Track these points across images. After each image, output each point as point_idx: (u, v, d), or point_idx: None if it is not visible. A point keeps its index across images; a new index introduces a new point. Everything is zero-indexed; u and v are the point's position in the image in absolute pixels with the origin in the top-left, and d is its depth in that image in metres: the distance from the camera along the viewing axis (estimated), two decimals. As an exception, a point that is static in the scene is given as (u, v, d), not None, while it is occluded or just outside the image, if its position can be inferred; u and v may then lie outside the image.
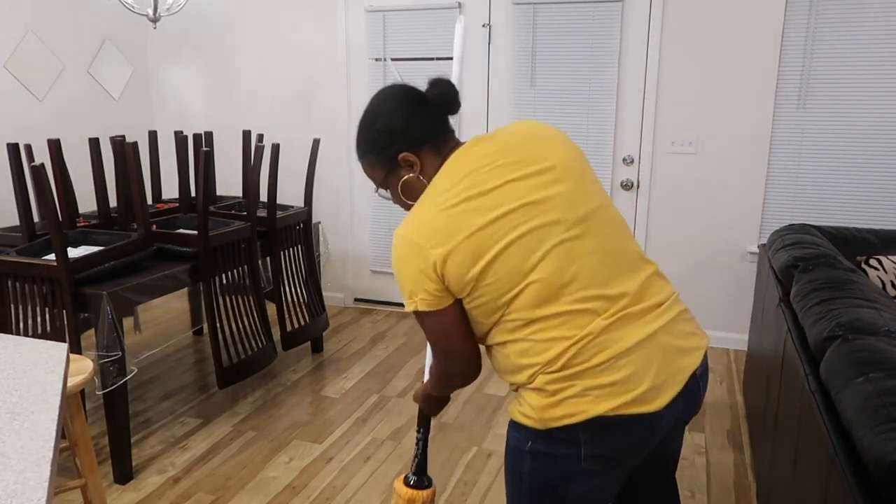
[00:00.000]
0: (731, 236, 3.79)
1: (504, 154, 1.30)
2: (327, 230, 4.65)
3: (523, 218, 1.24)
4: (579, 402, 1.23)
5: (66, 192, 2.99)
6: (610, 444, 1.26)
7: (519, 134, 1.36)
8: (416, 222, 1.28)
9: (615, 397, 1.22)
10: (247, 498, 2.48)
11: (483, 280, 1.24)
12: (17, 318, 2.59)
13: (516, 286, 1.24)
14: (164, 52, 4.84)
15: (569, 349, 1.23)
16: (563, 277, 1.24)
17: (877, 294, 1.92)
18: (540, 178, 1.28)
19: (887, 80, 3.40)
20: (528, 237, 1.24)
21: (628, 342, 1.24)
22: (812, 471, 1.52)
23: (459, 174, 1.29)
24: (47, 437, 1.10)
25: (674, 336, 1.30)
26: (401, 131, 1.37)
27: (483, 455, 2.77)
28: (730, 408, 3.19)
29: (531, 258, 1.23)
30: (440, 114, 1.38)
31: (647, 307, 1.29)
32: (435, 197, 1.29)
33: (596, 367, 1.22)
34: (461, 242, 1.23)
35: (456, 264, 1.23)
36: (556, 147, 1.34)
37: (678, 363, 1.29)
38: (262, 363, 3.23)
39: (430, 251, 1.24)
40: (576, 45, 3.84)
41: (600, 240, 1.28)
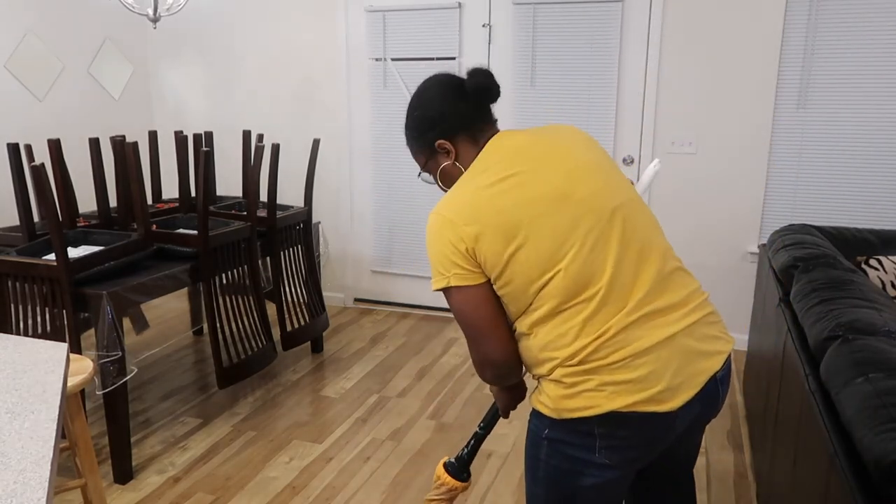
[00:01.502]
0: (731, 236, 3.79)
1: (538, 145, 1.36)
2: (327, 230, 4.65)
3: (555, 206, 1.27)
4: (595, 396, 1.25)
5: (66, 192, 2.99)
6: (624, 438, 1.28)
7: (552, 130, 1.42)
8: (450, 202, 1.32)
9: (630, 395, 1.24)
10: (247, 498, 2.48)
11: (515, 262, 1.26)
12: (17, 318, 2.59)
13: (547, 272, 1.26)
14: (164, 52, 4.84)
15: (588, 345, 1.25)
16: (589, 270, 1.26)
17: (877, 294, 1.92)
18: (572, 172, 1.32)
19: (887, 80, 3.40)
20: (559, 225, 1.26)
21: (647, 342, 1.25)
22: (812, 471, 1.52)
23: (494, 159, 1.34)
24: (47, 437, 1.10)
25: (696, 339, 1.31)
26: (438, 119, 1.42)
27: (483, 455, 2.77)
28: (730, 408, 3.19)
29: (563, 247, 1.26)
30: (477, 103, 1.42)
31: (669, 306, 1.30)
32: (469, 180, 1.34)
33: (613, 364, 1.25)
34: (492, 221, 1.26)
35: (488, 242, 1.26)
36: (587, 145, 1.40)
37: (697, 366, 1.30)
38: (262, 363, 3.23)
39: (462, 228, 1.27)
40: (576, 45, 3.85)
41: (628, 235, 1.30)
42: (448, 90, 1.43)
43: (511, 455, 2.77)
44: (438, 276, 1.31)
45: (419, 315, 4.53)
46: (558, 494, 1.36)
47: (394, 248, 4.55)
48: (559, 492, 1.36)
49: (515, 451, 2.80)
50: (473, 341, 1.37)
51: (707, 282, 3.81)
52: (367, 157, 4.47)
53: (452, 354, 3.84)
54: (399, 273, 4.58)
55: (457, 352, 3.88)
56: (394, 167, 4.41)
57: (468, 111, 1.41)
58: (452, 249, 1.28)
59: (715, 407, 1.38)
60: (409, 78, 4.25)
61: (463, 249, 1.27)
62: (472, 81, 1.41)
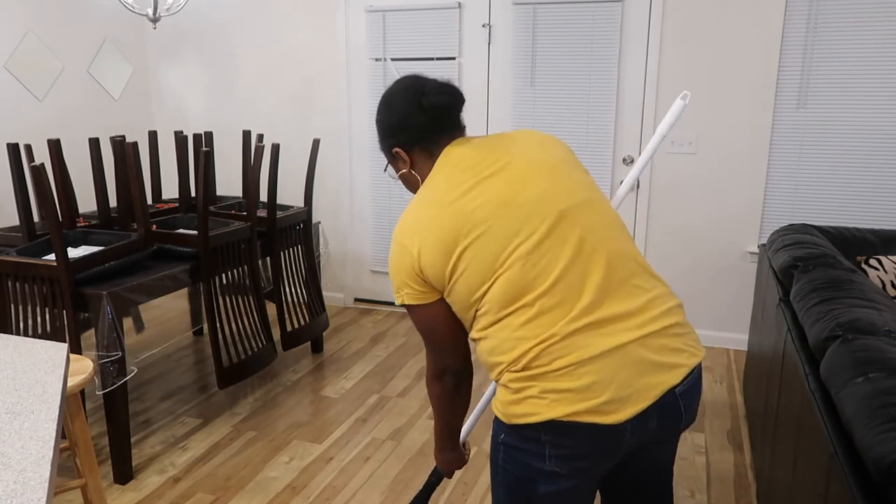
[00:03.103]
0: (731, 236, 3.79)
1: (481, 152, 1.34)
2: (327, 230, 4.65)
3: (496, 214, 1.26)
4: (537, 403, 1.23)
5: (66, 192, 2.99)
6: (571, 448, 1.25)
7: (505, 138, 1.40)
8: (402, 223, 1.35)
9: (571, 404, 1.21)
10: (247, 498, 2.48)
11: (455, 273, 1.27)
12: (17, 318, 2.59)
13: (486, 281, 1.26)
14: (164, 52, 4.84)
15: (531, 350, 1.23)
16: (530, 274, 1.24)
17: (877, 294, 1.92)
18: (516, 177, 1.29)
19: (887, 80, 3.40)
20: (498, 232, 1.25)
21: (593, 350, 1.22)
22: (812, 471, 1.52)
23: (441, 175, 1.35)
24: (47, 437, 1.10)
25: (651, 350, 1.25)
26: (395, 128, 1.42)
27: (483, 455, 2.77)
28: (730, 408, 3.19)
29: (501, 254, 1.25)
30: (434, 118, 1.39)
31: (623, 313, 1.25)
32: (419, 197, 1.36)
33: (555, 371, 1.22)
34: (432, 237, 1.27)
35: (430, 258, 1.28)
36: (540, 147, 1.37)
37: (651, 378, 1.24)
38: (262, 363, 3.23)
39: (410, 249, 1.30)
40: (576, 45, 3.85)
41: (578, 238, 1.26)
42: (409, 100, 1.40)
43: (511, 455, 2.77)
44: (396, 294, 1.36)
45: (419, 315, 4.52)
46: (516, 499, 1.36)
47: (394, 248, 4.54)
48: (516, 497, 1.35)
49: (515, 451, 2.80)
50: (432, 352, 1.41)
51: (707, 282, 3.84)
52: (367, 157, 4.47)
53: (452, 354, 3.84)
54: (399, 273, 4.57)
55: (457, 352, 3.88)
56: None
57: (425, 125, 1.39)
58: (405, 270, 1.32)
59: (677, 420, 1.30)
60: (409, 78, 4.25)
61: (412, 270, 1.30)
62: (428, 100, 1.38)
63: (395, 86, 1.45)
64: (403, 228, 1.33)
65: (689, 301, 3.93)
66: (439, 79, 1.43)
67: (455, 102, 1.42)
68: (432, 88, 1.40)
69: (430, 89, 1.40)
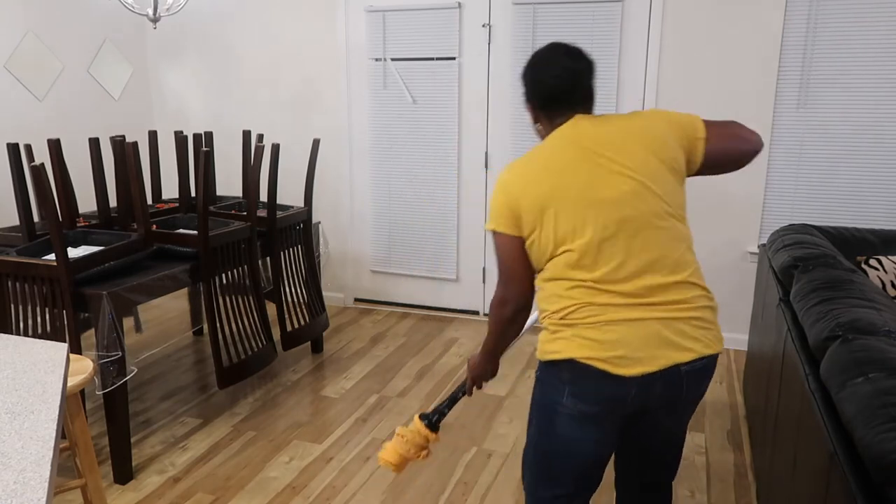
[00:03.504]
0: (731, 236, 3.79)
1: (595, 140, 1.53)
2: (327, 230, 4.65)
3: (577, 199, 1.49)
4: (565, 343, 1.50)
5: (66, 192, 2.99)
6: (583, 387, 1.50)
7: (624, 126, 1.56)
8: (514, 168, 1.59)
9: (591, 350, 1.46)
10: (247, 498, 2.48)
11: (540, 231, 1.51)
12: (17, 318, 2.59)
13: (559, 248, 1.51)
14: (164, 52, 4.84)
15: (572, 307, 1.50)
16: (587, 258, 1.48)
17: (877, 294, 1.92)
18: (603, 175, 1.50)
19: (887, 80, 3.40)
20: (575, 216, 1.48)
21: (623, 316, 1.46)
22: (812, 471, 1.52)
23: (556, 144, 1.57)
24: (47, 437, 1.10)
25: (671, 331, 1.47)
26: (527, 89, 1.66)
27: (483, 455, 2.77)
28: (730, 408, 3.19)
29: (574, 233, 1.49)
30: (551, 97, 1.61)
31: (655, 303, 1.48)
32: (535, 153, 1.59)
33: (586, 323, 1.48)
34: (532, 192, 1.52)
35: (527, 206, 1.52)
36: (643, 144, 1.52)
37: (663, 351, 1.46)
38: (262, 363, 3.23)
39: (513, 191, 1.55)
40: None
41: (637, 241, 1.48)
42: (540, 71, 1.62)
43: (511, 455, 2.77)
44: (490, 222, 1.59)
45: (419, 315, 4.53)
46: (541, 427, 1.61)
47: (393, 248, 4.55)
48: (541, 425, 1.61)
49: (515, 451, 2.80)
50: (502, 281, 1.60)
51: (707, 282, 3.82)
52: (367, 157, 4.47)
53: (452, 354, 3.84)
54: (399, 273, 4.58)
55: (457, 352, 3.88)
56: (394, 167, 4.41)
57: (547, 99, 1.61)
58: (504, 204, 1.56)
59: (678, 394, 1.52)
60: (408, 78, 4.25)
61: (510, 206, 1.54)
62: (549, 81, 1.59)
63: (540, 52, 1.65)
64: (513, 171, 1.58)
65: (689, 301, 3.93)
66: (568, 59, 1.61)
67: (579, 86, 1.60)
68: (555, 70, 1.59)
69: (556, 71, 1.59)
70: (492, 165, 4.20)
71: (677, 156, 1.55)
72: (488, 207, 1.61)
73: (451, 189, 4.31)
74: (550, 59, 1.61)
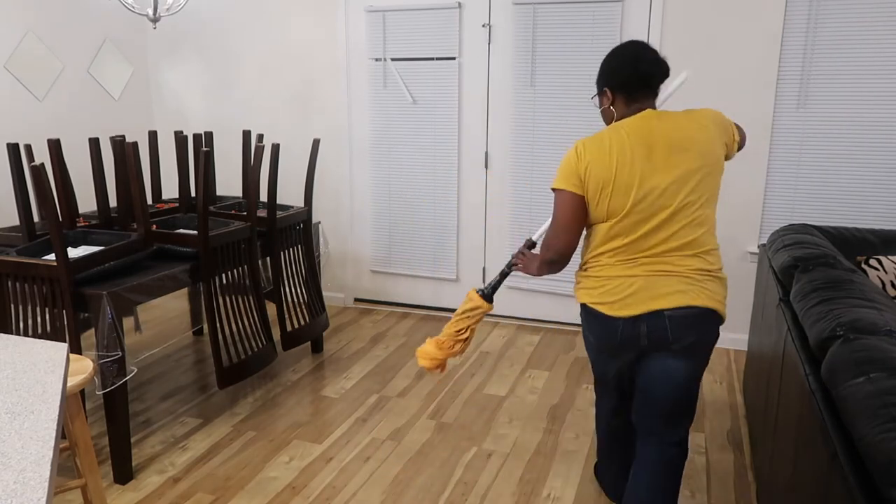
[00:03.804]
0: (731, 236, 3.79)
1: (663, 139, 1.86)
2: (327, 230, 4.65)
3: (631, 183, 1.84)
4: (580, 291, 2.02)
5: (66, 192, 2.99)
6: (592, 324, 2.01)
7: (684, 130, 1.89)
8: (588, 146, 1.89)
9: (596, 297, 1.96)
10: (247, 498, 2.48)
11: (598, 199, 1.88)
12: (17, 318, 2.59)
13: (607, 218, 1.89)
14: (164, 52, 4.84)
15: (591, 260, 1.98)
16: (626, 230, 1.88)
17: (877, 294, 1.92)
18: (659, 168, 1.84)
19: (887, 80, 3.40)
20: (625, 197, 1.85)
21: (621, 273, 1.92)
22: (812, 471, 1.52)
23: (628, 129, 1.88)
24: (47, 437, 1.10)
25: (659, 286, 1.88)
26: (613, 74, 1.95)
27: (483, 455, 2.77)
28: (730, 408, 3.19)
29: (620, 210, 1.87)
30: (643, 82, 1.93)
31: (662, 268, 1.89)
32: (608, 133, 1.90)
33: (595, 278, 1.97)
34: (600, 165, 1.86)
35: (594, 175, 1.87)
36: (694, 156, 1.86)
37: (649, 302, 1.88)
38: (262, 363, 3.23)
39: (585, 159, 1.88)
40: (576, 45, 3.85)
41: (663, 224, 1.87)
42: (631, 60, 1.93)
43: (511, 455, 2.77)
44: (558, 181, 1.93)
45: (419, 315, 4.53)
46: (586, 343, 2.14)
47: (394, 248, 4.55)
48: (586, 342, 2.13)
49: (515, 451, 2.80)
50: (552, 231, 1.97)
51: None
52: (367, 157, 4.47)
53: (452, 354, 3.84)
54: (399, 273, 4.58)
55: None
56: (394, 167, 4.41)
57: (633, 83, 1.93)
58: (573, 168, 1.90)
59: (664, 336, 1.90)
60: (409, 78, 4.25)
61: (577, 170, 1.89)
62: (643, 67, 1.91)
63: (626, 44, 1.98)
64: (587, 145, 1.90)
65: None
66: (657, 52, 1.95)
67: (660, 74, 1.94)
68: (650, 58, 1.92)
69: (648, 58, 1.92)
70: (492, 165, 4.20)
71: (720, 153, 1.92)
72: (558, 171, 1.96)
73: (451, 189, 4.31)
74: (640, 51, 1.93)
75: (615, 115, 1.96)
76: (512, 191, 4.18)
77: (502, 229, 4.27)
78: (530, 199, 4.13)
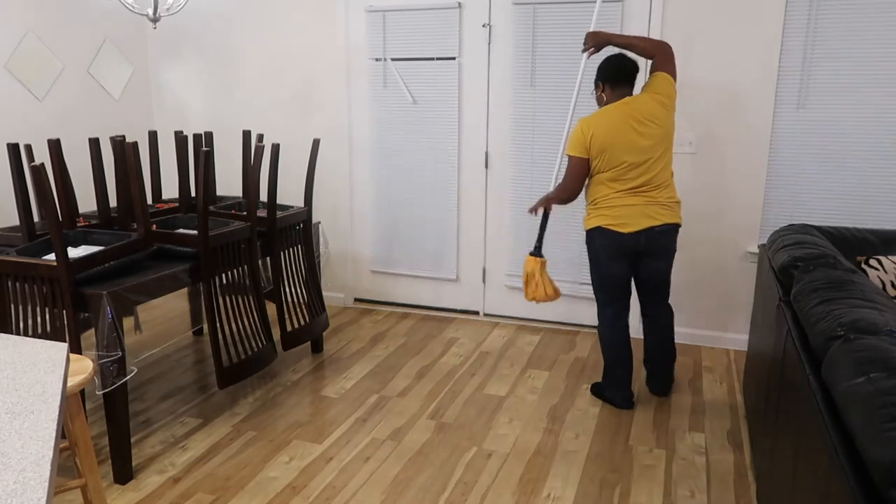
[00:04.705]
0: (731, 236, 3.79)
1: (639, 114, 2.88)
2: (327, 230, 4.65)
3: (625, 146, 2.86)
4: (595, 219, 2.97)
5: (66, 192, 2.99)
6: (604, 239, 2.96)
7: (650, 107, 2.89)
8: (591, 121, 2.89)
9: (609, 220, 2.93)
10: (247, 498, 2.48)
11: (599, 159, 2.89)
12: (17, 318, 2.59)
13: (608, 169, 2.90)
14: (164, 52, 4.84)
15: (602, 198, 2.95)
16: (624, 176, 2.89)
17: (877, 294, 1.92)
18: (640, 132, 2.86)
19: (887, 80, 3.40)
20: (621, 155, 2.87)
21: (625, 203, 2.91)
22: (812, 471, 1.52)
23: (616, 110, 2.89)
24: (47, 437, 1.10)
25: (651, 210, 2.92)
26: (605, 74, 2.98)
27: (483, 455, 2.77)
28: (730, 408, 3.19)
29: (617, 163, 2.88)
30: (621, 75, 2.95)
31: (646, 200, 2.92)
32: (603, 112, 2.91)
33: (607, 208, 2.93)
34: (600, 134, 2.86)
35: (596, 143, 2.87)
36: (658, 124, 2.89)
37: (643, 220, 2.91)
38: (262, 363, 3.23)
39: (588, 132, 2.88)
40: (576, 45, 3.84)
41: (645, 171, 2.90)
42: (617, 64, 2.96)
43: (511, 455, 2.77)
44: (570, 148, 2.93)
45: (419, 315, 4.53)
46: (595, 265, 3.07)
47: (394, 248, 4.55)
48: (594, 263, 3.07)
49: (515, 451, 2.80)
50: (567, 182, 2.98)
51: (707, 282, 3.84)
52: (367, 157, 4.47)
53: (452, 354, 3.84)
54: (399, 273, 4.58)
55: (457, 352, 3.88)
56: (394, 167, 4.41)
57: (615, 79, 2.96)
58: (581, 140, 2.89)
59: (655, 245, 2.97)
60: (409, 78, 4.25)
61: (585, 142, 2.89)
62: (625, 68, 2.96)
63: (616, 56, 2.98)
64: (590, 123, 2.88)
65: (689, 301, 3.93)
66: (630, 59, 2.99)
67: (635, 71, 2.97)
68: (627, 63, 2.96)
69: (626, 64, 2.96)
70: (492, 165, 4.20)
71: (672, 119, 2.93)
72: (569, 142, 2.94)
73: (451, 189, 4.31)
74: (623, 57, 2.97)
75: (605, 100, 2.98)
76: (512, 191, 4.18)
77: (502, 229, 4.27)
78: (530, 199, 4.13)
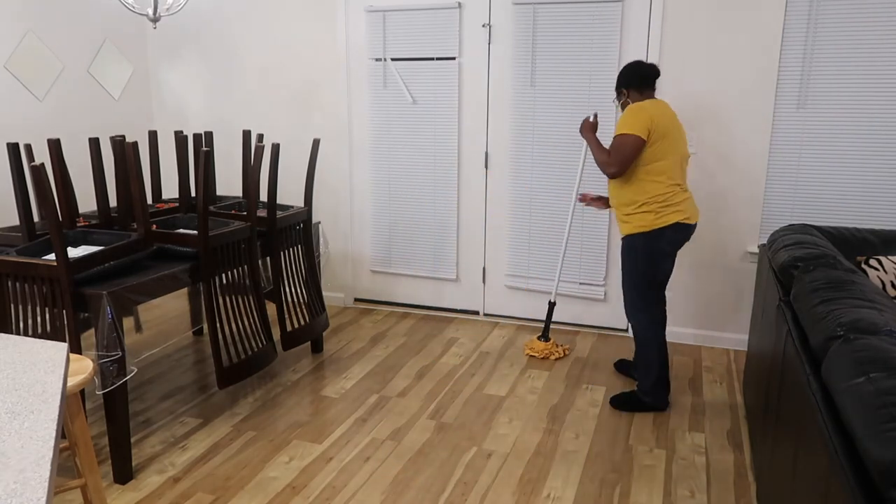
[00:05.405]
0: (731, 236, 3.79)
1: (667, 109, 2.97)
2: (327, 230, 4.65)
3: (681, 136, 2.98)
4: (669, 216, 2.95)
5: (66, 192, 2.99)
6: (679, 235, 2.99)
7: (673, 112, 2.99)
8: (648, 106, 2.89)
9: (683, 215, 2.96)
10: (247, 498, 2.48)
11: (658, 143, 2.89)
12: (17, 318, 2.59)
13: (662, 159, 2.91)
14: (164, 52, 4.84)
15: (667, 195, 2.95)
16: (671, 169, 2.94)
17: (877, 294, 1.92)
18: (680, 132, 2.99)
19: (887, 81, 3.40)
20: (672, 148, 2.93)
21: (684, 197, 2.98)
22: (812, 471, 1.52)
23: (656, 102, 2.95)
24: (47, 437, 1.10)
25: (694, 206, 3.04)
26: (628, 80, 3.05)
27: (483, 455, 2.77)
28: (730, 408, 3.19)
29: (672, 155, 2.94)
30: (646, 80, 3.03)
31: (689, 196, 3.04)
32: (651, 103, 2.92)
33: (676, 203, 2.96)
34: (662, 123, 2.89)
35: (659, 128, 2.88)
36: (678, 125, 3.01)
37: (697, 213, 3.04)
38: (262, 363, 3.23)
39: (651, 116, 2.87)
40: (576, 44, 3.85)
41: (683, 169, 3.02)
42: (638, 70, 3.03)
43: (511, 455, 2.77)
44: (630, 129, 2.86)
45: (419, 315, 4.53)
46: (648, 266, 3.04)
47: (394, 248, 4.55)
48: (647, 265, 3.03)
49: (515, 451, 2.80)
50: (617, 159, 2.90)
51: (707, 282, 3.85)
52: (367, 157, 4.47)
53: (452, 354, 3.84)
54: (399, 273, 4.58)
55: (457, 352, 3.88)
56: (394, 167, 4.41)
57: (641, 83, 3.03)
58: (644, 121, 2.86)
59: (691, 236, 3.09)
60: (409, 78, 4.25)
61: (648, 123, 2.86)
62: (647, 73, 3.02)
63: (636, 62, 3.05)
64: (644, 106, 2.89)
65: (689, 301, 3.93)
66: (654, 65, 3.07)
67: (656, 76, 3.04)
68: (650, 68, 3.03)
69: (649, 68, 3.02)
70: (492, 165, 4.20)
71: None
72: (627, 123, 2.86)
73: (451, 189, 4.31)
74: (643, 62, 3.06)
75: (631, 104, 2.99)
76: (512, 191, 4.18)
77: (502, 229, 4.27)
78: (530, 199, 4.13)
